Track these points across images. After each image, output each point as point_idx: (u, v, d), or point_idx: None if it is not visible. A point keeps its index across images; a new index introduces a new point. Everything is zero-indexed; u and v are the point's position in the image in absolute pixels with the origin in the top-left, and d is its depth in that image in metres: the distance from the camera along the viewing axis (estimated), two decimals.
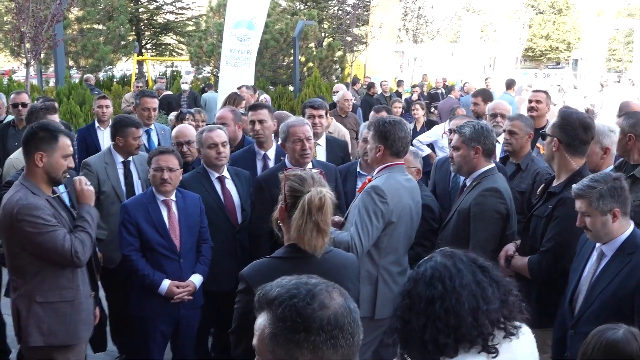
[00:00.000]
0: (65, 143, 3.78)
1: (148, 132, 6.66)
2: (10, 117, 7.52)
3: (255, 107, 5.69)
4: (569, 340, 3.45)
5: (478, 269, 2.13)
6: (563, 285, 3.68)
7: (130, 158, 5.45)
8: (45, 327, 3.71)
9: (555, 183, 4.03)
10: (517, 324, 2.14)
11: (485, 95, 7.81)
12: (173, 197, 4.54)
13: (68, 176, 3.95)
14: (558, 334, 3.63)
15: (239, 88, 9.17)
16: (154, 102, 6.84)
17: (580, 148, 3.99)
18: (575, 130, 3.95)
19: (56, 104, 6.16)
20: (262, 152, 5.47)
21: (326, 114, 6.47)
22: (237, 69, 13.21)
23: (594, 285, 3.37)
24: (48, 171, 3.72)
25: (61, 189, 4.08)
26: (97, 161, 5.37)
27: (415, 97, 16.45)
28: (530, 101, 6.57)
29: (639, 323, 2.95)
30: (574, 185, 3.40)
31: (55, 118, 5.95)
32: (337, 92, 10.29)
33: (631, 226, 3.35)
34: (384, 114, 7.25)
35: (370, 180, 4.17)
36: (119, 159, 5.40)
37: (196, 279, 4.54)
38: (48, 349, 3.75)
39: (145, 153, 5.57)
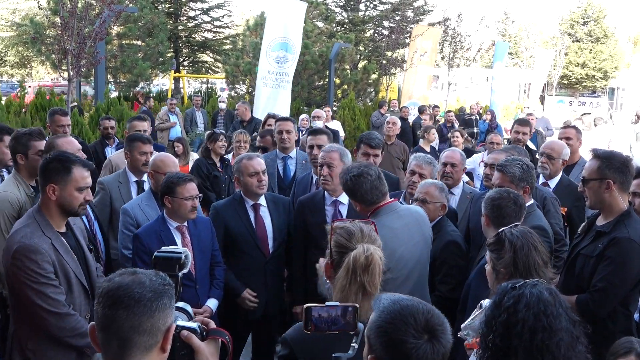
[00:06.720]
0: (81, 175, 3.51)
1: (284, 159, 6.33)
2: None
3: (315, 132, 5.69)
4: None
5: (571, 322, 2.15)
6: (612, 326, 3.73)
7: (145, 177, 5.46)
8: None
9: (601, 222, 3.93)
10: None
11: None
12: (185, 223, 4.45)
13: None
14: None
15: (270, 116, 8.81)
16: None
17: (628, 185, 3.97)
18: (627, 167, 3.89)
19: (42, 130, 5.12)
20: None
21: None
22: (273, 90, 13.34)
23: None
24: (61, 204, 3.48)
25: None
26: (111, 180, 5.43)
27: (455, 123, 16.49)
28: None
29: None
30: None
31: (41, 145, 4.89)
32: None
33: None
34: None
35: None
36: (133, 178, 5.47)
37: (212, 304, 4.53)
38: None
39: None
